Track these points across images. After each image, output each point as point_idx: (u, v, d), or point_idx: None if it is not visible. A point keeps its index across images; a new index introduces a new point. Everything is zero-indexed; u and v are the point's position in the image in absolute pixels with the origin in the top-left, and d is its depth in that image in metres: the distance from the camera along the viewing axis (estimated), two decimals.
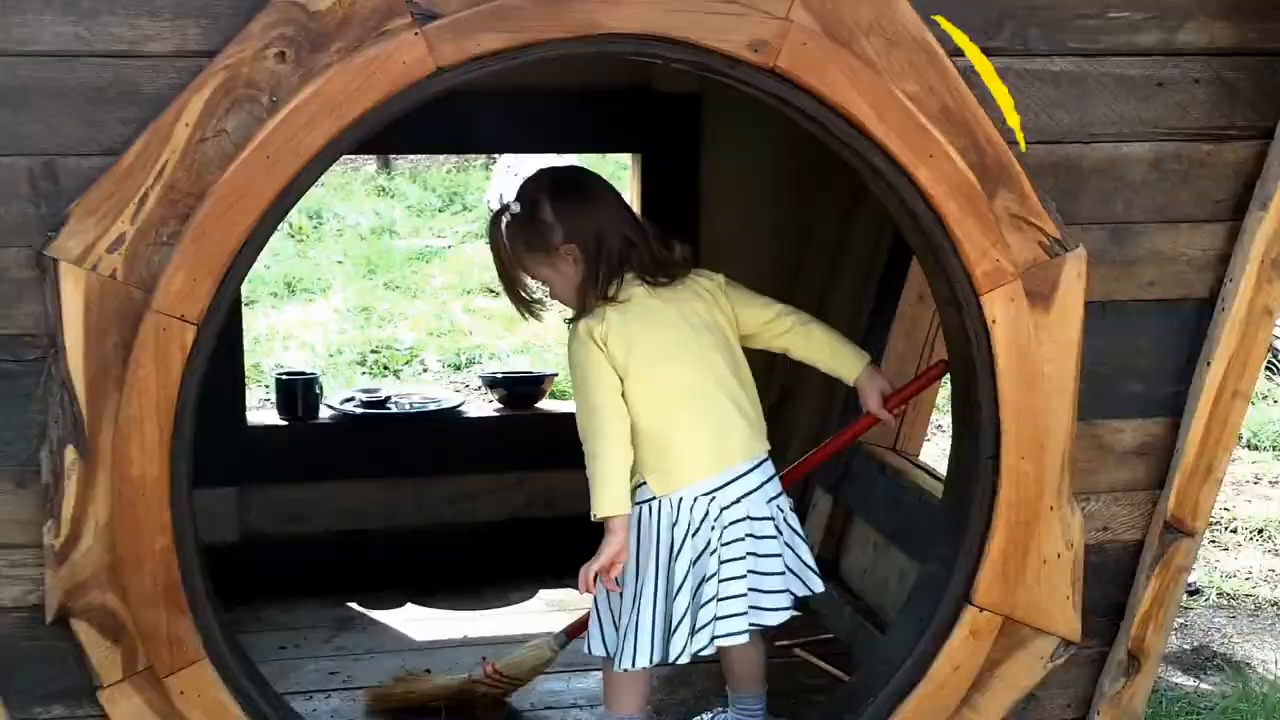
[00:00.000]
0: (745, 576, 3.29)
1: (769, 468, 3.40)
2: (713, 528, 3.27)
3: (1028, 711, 3.30)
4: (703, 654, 3.30)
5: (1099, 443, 3.17)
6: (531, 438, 5.14)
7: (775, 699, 3.87)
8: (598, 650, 3.40)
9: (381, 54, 2.66)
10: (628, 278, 3.32)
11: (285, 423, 5.07)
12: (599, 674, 3.68)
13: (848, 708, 3.25)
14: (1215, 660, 4.63)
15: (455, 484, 5.03)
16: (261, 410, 5.31)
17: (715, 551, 3.27)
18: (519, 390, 5.37)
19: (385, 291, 9.67)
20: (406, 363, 8.23)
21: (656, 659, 3.29)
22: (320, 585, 4.75)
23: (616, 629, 3.36)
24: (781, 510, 3.39)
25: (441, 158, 13.65)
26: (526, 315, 3.48)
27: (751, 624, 3.32)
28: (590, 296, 3.31)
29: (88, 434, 2.69)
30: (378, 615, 4.61)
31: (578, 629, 3.78)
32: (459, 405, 5.39)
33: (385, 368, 8.15)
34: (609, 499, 3.24)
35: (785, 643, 4.33)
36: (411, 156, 13.60)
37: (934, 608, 3.17)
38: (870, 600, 4.34)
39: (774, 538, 3.35)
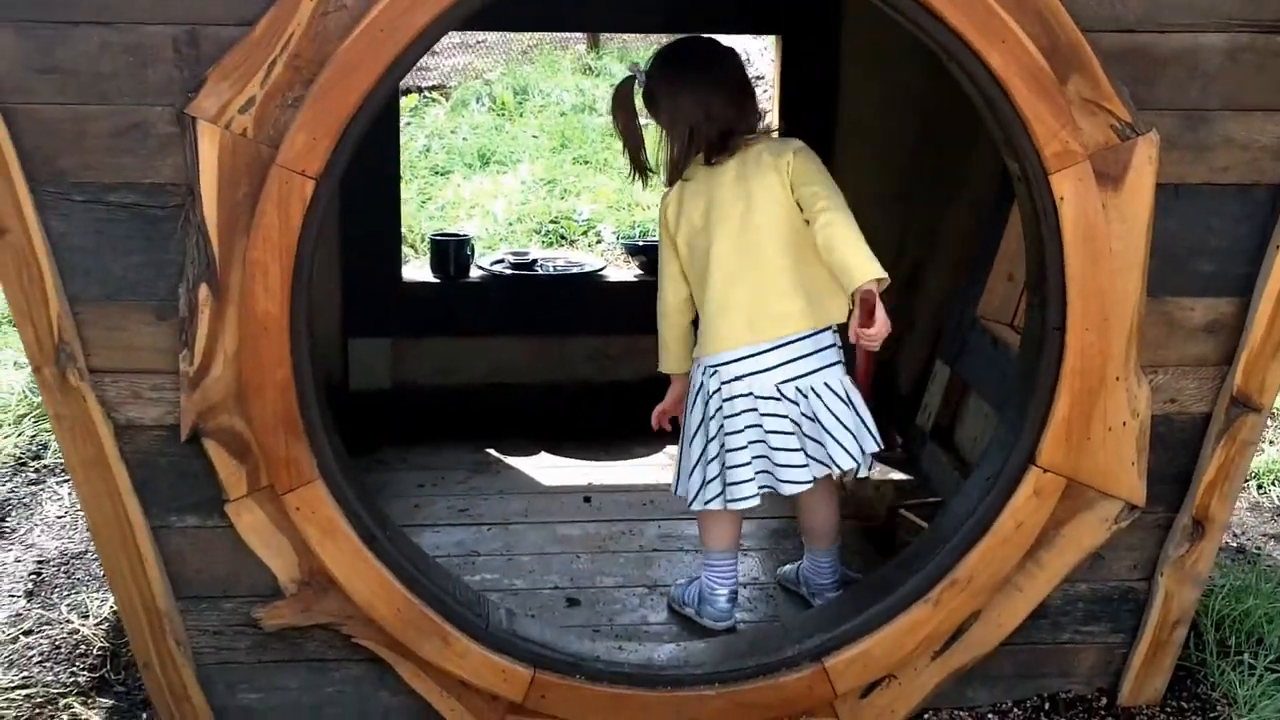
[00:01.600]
0: (747, 447, 3.55)
1: (797, 349, 3.55)
2: (712, 398, 3.57)
3: (1093, 571, 3.47)
4: (712, 507, 3.65)
5: (1169, 319, 3.28)
6: None
7: (875, 553, 4.11)
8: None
9: None
10: (699, 158, 3.57)
11: (438, 280, 5.38)
12: None
13: (919, 557, 3.46)
14: None
15: (594, 343, 5.32)
16: (417, 270, 5.63)
17: (717, 421, 3.58)
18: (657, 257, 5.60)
19: (573, 166, 9.91)
20: (583, 233, 8.48)
21: (680, 493, 3.71)
22: (463, 432, 5.11)
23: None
24: (803, 392, 3.55)
25: (650, 39, 13.75)
26: (634, 176, 3.76)
27: (763, 487, 3.60)
28: (671, 169, 3.60)
29: (219, 274, 3.01)
30: (511, 461, 4.96)
31: None
32: (601, 269, 5.65)
33: (561, 237, 8.42)
34: (663, 360, 3.75)
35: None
36: (623, 37, 13.74)
37: (1001, 467, 3.35)
38: None
39: (782, 417, 3.55)
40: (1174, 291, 3.28)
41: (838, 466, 3.58)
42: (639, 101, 3.70)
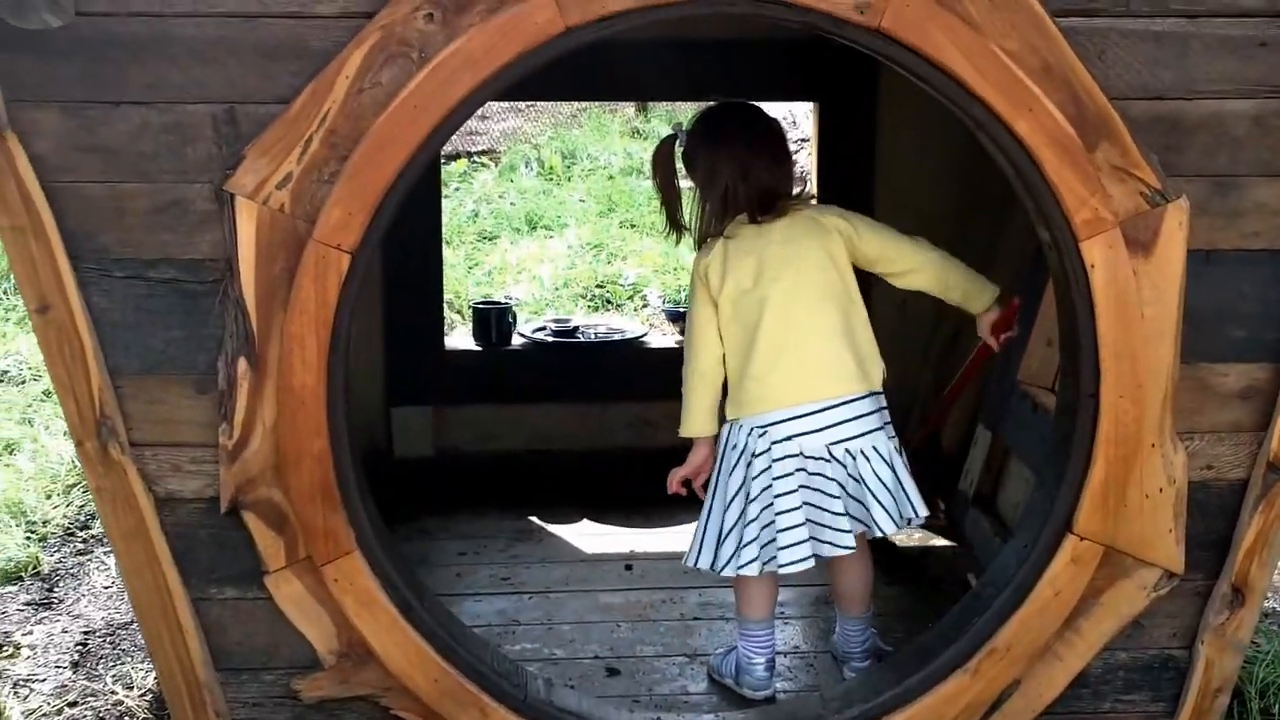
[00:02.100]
0: (801, 508, 3.53)
1: (847, 410, 3.56)
2: (759, 458, 3.54)
3: (1133, 639, 3.43)
4: (746, 572, 3.58)
5: (1203, 385, 3.27)
6: None
7: (917, 622, 4.09)
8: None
9: (517, 15, 2.92)
10: (741, 218, 3.57)
11: (480, 348, 5.43)
12: None
13: (957, 625, 3.44)
14: None
15: (636, 410, 5.34)
16: (461, 337, 5.71)
17: (763, 483, 3.54)
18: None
19: (619, 230, 9.96)
20: (629, 298, 8.52)
21: (703, 564, 3.64)
22: (505, 499, 5.14)
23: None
24: (851, 454, 3.56)
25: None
26: (670, 232, 3.78)
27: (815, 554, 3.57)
28: (703, 228, 3.60)
29: (257, 347, 3.05)
30: (553, 528, 4.98)
31: None
32: (642, 336, 5.68)
33: (608, 302, 8.46)
34: (688, 422, 3.66)
35: None
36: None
37: (1038, 534, 3.34)
38: None
39: (829, 479, 3.54)
40: (1207, 357, 3.26)
41: (879, 529, 3.57)
42: (679, 162, 3.74)
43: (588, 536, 4.93)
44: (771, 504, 3.54)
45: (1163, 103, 3.10)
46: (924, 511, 3.66)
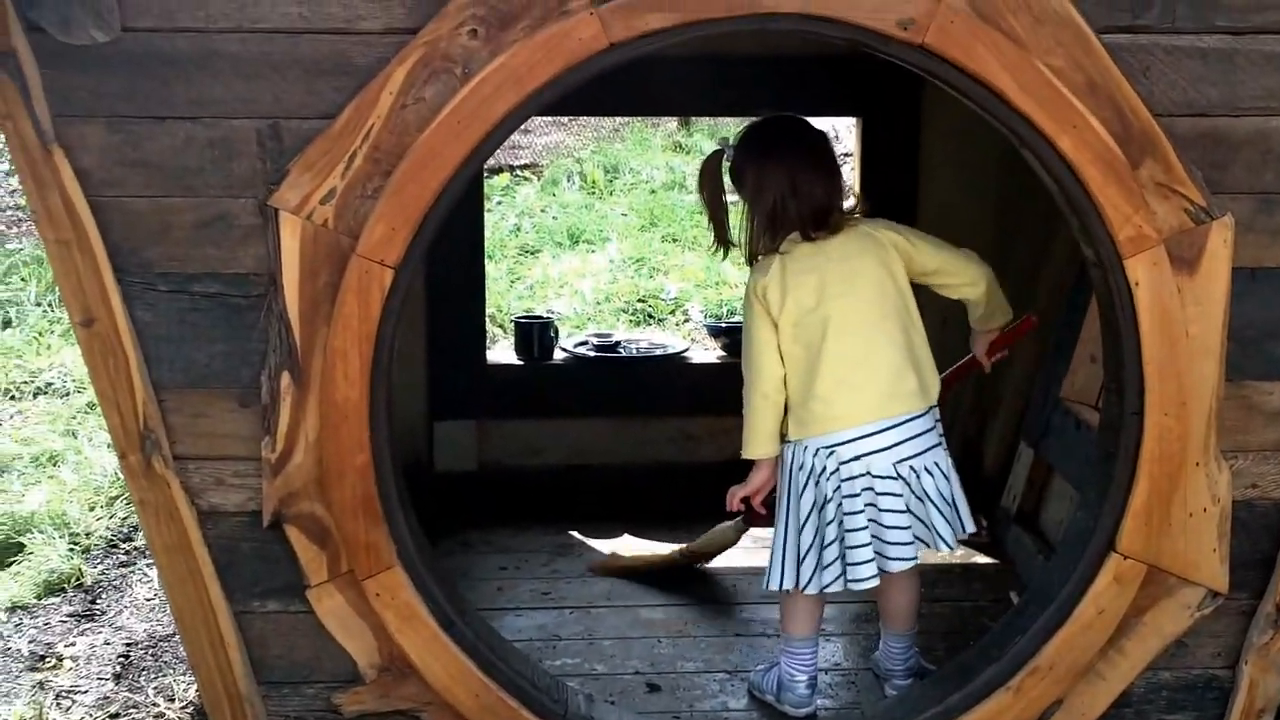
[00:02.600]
0: (868, 527, 3.51)
1: (911, 428, 3.55)
2: (829, 479, 3.51)
3: (1176, 659, 3.41)
4: (831, 590, 3.57)
5: (1248, 403, 3.24)
6: None
7: (959, 640, 4.07)
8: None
9: (560, 31, 2.94)
10: (794, 235, 3.55)
11: (522, 363, 5.44)
12: None
13: (998, 643, 3.43)
14: None
15: (678, 425, 5.34)
16: (503, 351, 5.72)
17: (835, 502, 3.52)
18: (740, 339, 5.62)
19: (661, 244, 9.96)
20: (670, 312, 8.52)
21: (788, 585, 3.58)
22: (546, 514, 5.15)
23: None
24: (915, 471, 3.54)
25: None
26: (716, 247, 3.75)
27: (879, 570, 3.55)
28: (753, 244, 3.58)
29: (300, 362, 3.06)
30: (594, 543, 4.97)
31: (757, 519, 4.13)
32: (684, 351, 5.68)
33: (649, 316, 8.46)
34: (753, 444, 3.61)
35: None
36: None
37: (1081, 553, 3.32)
38: None
39: (897, 495, 3.52)
40: (1253, 375, 3.24)
41: (944, 544, 3.56)
42: (726, 178, 3.73)
43: (628, 551, 4.92)
44: (843, 522, 3.52)
45: (1208, 119, 3.08)
46: (972, 527, 3.65)
